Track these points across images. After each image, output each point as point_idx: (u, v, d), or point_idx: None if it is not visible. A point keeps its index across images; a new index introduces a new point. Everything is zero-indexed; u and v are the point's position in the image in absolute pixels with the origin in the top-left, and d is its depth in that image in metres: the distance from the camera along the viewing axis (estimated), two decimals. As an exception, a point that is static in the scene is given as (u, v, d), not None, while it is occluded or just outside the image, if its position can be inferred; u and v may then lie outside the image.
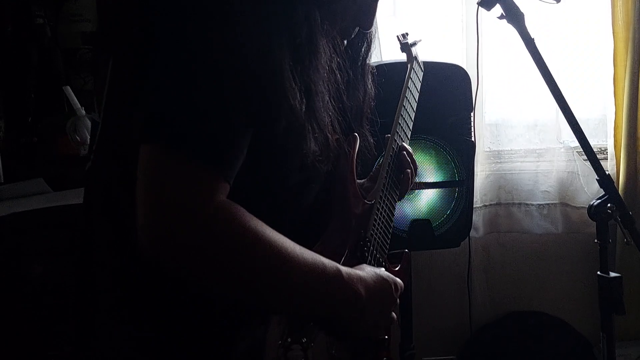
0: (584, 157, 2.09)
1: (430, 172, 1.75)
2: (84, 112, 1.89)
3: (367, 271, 0.85)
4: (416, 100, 1.22)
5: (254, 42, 0.71)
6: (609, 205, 1.37)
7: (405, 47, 1.29)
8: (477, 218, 2.12)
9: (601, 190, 1.41)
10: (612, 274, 1.41)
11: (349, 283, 0.80)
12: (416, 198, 1.76)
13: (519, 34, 1.33)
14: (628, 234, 1.37)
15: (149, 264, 0.73)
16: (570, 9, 2.13)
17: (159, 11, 0.72)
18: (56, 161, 1.88)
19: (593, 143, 1.41)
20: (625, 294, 1.42)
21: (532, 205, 2.18)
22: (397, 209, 1.08)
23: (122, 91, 0.78)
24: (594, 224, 1.43)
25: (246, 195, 0.72)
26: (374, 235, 0.98)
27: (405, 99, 1.17)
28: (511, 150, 2.23)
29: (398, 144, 1.10)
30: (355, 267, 0.85)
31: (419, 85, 1.25)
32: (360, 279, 0.82)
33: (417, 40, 1.32)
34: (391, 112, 1.14)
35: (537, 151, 2.20)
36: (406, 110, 1.16)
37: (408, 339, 1.83)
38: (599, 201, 1.39)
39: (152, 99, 0.70)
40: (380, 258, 0.99)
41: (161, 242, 0.67)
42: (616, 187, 1.44)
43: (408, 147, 1.12)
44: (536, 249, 2.28)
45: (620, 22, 2.10)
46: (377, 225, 0.99)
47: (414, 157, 1.11)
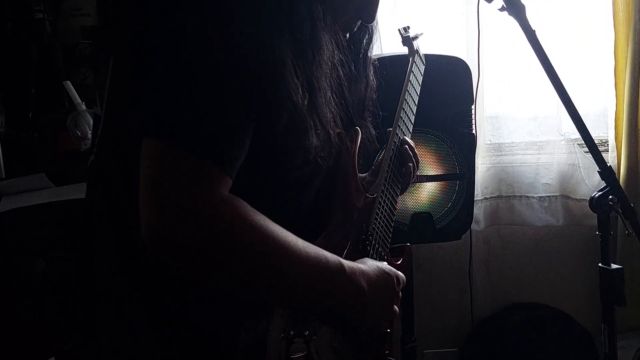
0: (585, 149, 2.09)
1: (431, 165, 1.75)
2: (84, 107, 1.89)
3: (369, 265, 0.85)
4: (418, 93, 1.22)
5: (255, 38, 0.71)
6: (610, 197, 1.37)
7: (407, 40, 1.29)
8: (478, 211, 2.12)
9: (602, 182, 1.41)
10: (614, 265, 1.41)
11: (352, 277, 0.80)
12: (417, 191, 1.76)
13: (519, 25, 1.33)
14: (629, 225, 1.37)
15: (151, 259, 0.73)
16: (570, 1, 2.13)
17: (160, 8, 0.72)
18: (57, 156, 1.88)
19: (594, 135, 1.40)
20: (626, 286, 1.42)
21: (533, 197, 2.18)
22: (398, 202, 1.08)
23: (124, 88, 0.78)
24: (595, 216, 1.43)
25: (248, 191, 0.72)
26: (376, 229, 0.98)
27: (407, 92, 1.17)
28: (512, 142, 2.22)
29: (400, 137, 1.10)
30: (358, 261, 0.85)
31: (420, 79, 1.25)
32: (363, 272, 0.82)
33: (419, 33, 1.32)
34: (393, 105, 1.13)
35: (537, 143, 2.20)
36: (408, 103, 1.16)
37: (409, 332, 1.83)
38: (600, 193, 1.39)
39: (154, 95, 0.70)
40: (382, 252, 0.99)
41: (164, 238, 0.67)
42: (617, 178, 1.44)
43: (410, 140, 1.12)
44: (537, 242, 2.29)
45: (621, 13, 2.09)
46: (379, 219, 0.99)
47: (415, 150, 1.11)
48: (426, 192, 1.77)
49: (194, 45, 0.69)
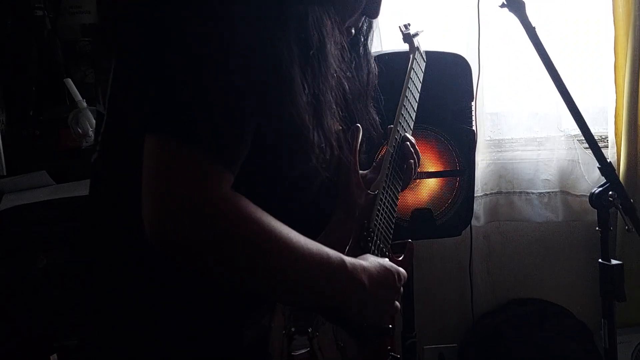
0: (585, 145, 2.10)
1: (431, 161, 1.75)
2: (85, 104, 1.89)
3: (370, 261, 0.86)
4: (419, 90, 1.22)
5: (260, 36, 0.71)
6: (610, 193, 1.38)
7: (408, 37, 1.29)
8: (478, 207, 2.12)
9: (601, 178, 1.41)
10: (614, 261, 1.42)
11: (353, 273, 0.80)
12: (417, 187, 1.76)
13: (520, 22, 1.33)
14: (629, 221, 1.37)
15: (154, 255, 0.73)
16: (570, -2, 2.13)
17: (165, 5, 0.72)
18: (58, 154, 1.88)
19: (593, 131, 1.41)
20: (625, 281, 1.43)
21: (533, 193, 2.19)
22: (399, 198, 1.08)
23: (127, 85, 0.78)
24: (594, 212, 1.43)
25: (249, 188, 0.72)
26: (377, 226, 0.99)
27: (407, 89, 1.17)
28: (512, 139, 2.23)
29: (401, 134, 1.10)
30: (359, 257, 0.86)
31: (421, 76, 1.25)
32: (364, 269, 0.83)
33: (419, 30, 1.32)
34: (394, 102, 1.14)
35: (537, 140, 2.20)
36: (409, 100, 1.16)
37: (410, 327, 1.84)
38: (600, 189, 1.40)
39: (157, 92, 0.70)
40: (383, 248, 1.00)
41: (167, 233, 0.67)
42: (617, 174, 1.44)
43: (411, 137, 1.12)
44: (537, 237, 2.29)
45: (620, 9, 2.09)
46: (380, 216, 1.00)
47: (417, 147, 1.12)
48: (426, 189, 1.78)
49: (197, 43, 0.69)
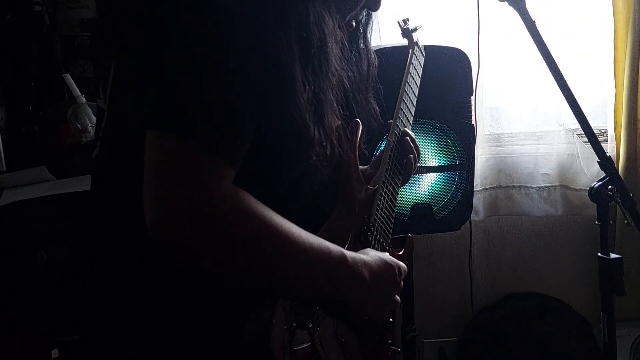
0: (584, 139, 2.10)
1: (430, 156, 1.76)
2: (84, 99, 1.89)
3: (371, 255, 0.86)
4: (418, 85, 1.23)
5: (261, 35, 0.71)
6: (609, 187, 1.38)
7: (407, 32, 1.29)
8: (477, 201, 2.13)
9: (601, 172, 1.41)
10: (613, 255, 1.42)
11: (354, 267, 0.81)
12: (417, 182, 1.77)
13: (519, 16, 1.33)
14: (629, 215, 1.37)
15: (154, 255, 0.74)
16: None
17: (166, 4, 0.72)
18: (58, 149, 1.88)
19: (593, 125, 1.41)
20: (624, 275, 1.43)
21: (532, 188, 2.19)
22: (398, 193, 1.09)
23: (128, 80, 0.78)
24: (594, 206, 1.44)
25: (250, 183, 0.72)
26: (378, 220, 0.99)
27: (407, 84, 1.17)
28: (511, 133, 2.23)
29: (400, 129, 1.11)
30: (360, 252, 0.86)
31: (420, 71, 1.25)
32: (365, 263, 0.83)
33: (418, 25, 1.32)
34: (393, 97, 1.14)
35: (537, 134, 2.20)
36: (408, 95, 1.17)
37: (409, 321, 1.85)
38: (599, 183, 1.40)
39: (158, 88, 0.70)
40: (383, 242, 1.00)
41: (169, 229, 0.68)
42: (616, 168, 1.44)
43: (410, 132, 1.12)
44: (536, 232, 2.30)
45: (620, 2, 2.09)
46: (380, 210, 1.00)
47: (416, 142, 1.12)
48: (426, 183, 1.78)
49: (198, 41, 0.69)
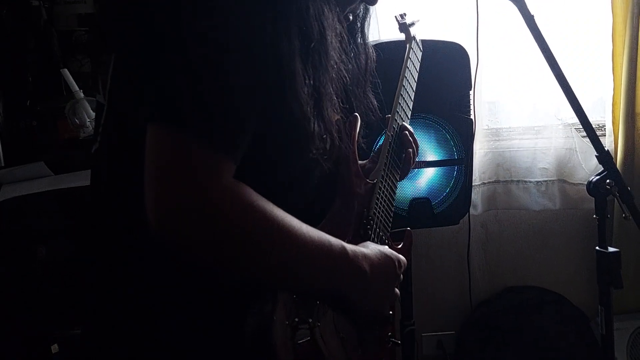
0: (582, 133, 2.10)
1: (429, 150, 1.76)
2: (82, 94, 1.88)
3: (371, 248, 0.86)
4: (415, 79, 1.23)
5: (262, 28, 0.71)
6: (607, 181, 1.39)
7: (404, 27, 1.29)
8: (476, 196, 2.13)
9: (599, 166, 1.42)
10: (611, 248, 1.43)
11: (354, 260, 0.81)
12: (416, 177, 1.77)
13: (518, 10, 1.33)
14: (626, 208, 1.38)
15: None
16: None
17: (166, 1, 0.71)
18: (56, 144, 1.88)
19: (591, 119, 1.41)
20: (622, 268, 1.44)
21: (531, 182, 2.19)
22: (397, 187, 1.09)
23: (128, 75, 0.78)
24: (591, 200, 1.44)
25: (250, 179, 0.72)
26: (377, 214, 0.99)
27: (404, 78, 1.17)
28: (509, 127, 2.23)
29: (399, 123, 1.11)
30: (360, 245, 0.86)
31: (418, 65, 1.25)
32: (365, 256, 0.83)
33: (415, 20, 1.32)
34: (391, 92, 1.14)
35: (535, 128, 2.21)
36: (406, 90, 1.17)
37: (408, 315, 1.85)
38: (597, 177, 1.40)
39: (159, 81, 0.70)
40: (383, 236, 1.00)
41: (170, 224, 0.67)
42: (614, 162, 1.45)
43: (409, 126, 1.13)
44: (534, 226, 2.30)
45: (619, -3, 2.09)
46: (379, 204, 1.00)
47: (415, 136, 1.12)
48: (425, 178, 1.78)
49: (199, 35, 0.69)
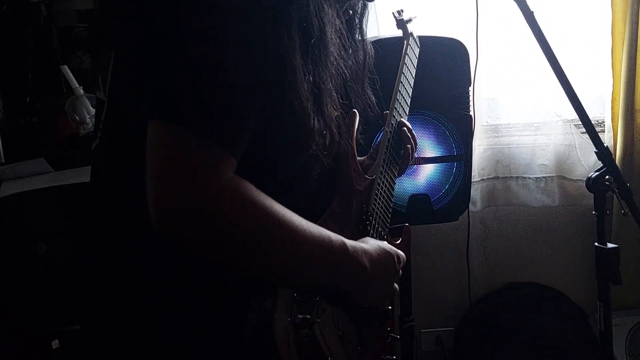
0: (582, 130, 2.10)
1: (428, 147, 1.76)
2: (82, 91, 1.88)
3: (370, 244, 0.87)
4: (413, 76, 1.23)
5: (262, 25, 0.71)
6: (607, 177, 1.39)
7: (401, 23, 1.29)
8: (475, 192, 2.13)
9: (598, 162, 1.42)
10: (610, 244, 1.43)
11: (354, 255, 0.82)
12: (415, 173, 1.77)
13: (518, 6, 1.33)
14: (625, 205, 1.38)
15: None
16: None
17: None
18: (56, 141, 1.88)
19: (590, 116, 1.41)
20: (621, 264, 1.44)
21: (530, 178, 2.19)
22: (396, 184, 1.09)
23: (128, 71, 0.78)
24: (591, 196, 1.44)
25: (250, 174, 0.72)
26: (376, 210, 1.00)
27: (402, 75, 1.18)
28: (509, 124, 2.23)
29: (397, 120, 1.11)
30: (360, 240, 0.87)
31: (415, 61, 1.26)
32: (365, 251, 0.84)
33: (413, 16, 1.32)
34: (389, 88, 1.14)
35: (534, 125, 2.21)
36: (403, 86, 1.17)
37: (407, 311, 1.86)
38: (597, 173, 1.41)
39: (160, 78, 0.70)
40: (382, 232, 1.01)
41: (172, 219, 0.68)
42: (613, 159, 1.45)
43: (407, 123, 1.13)
44: (533, 222, 2.31)
45: (618, -6, 2.09)
46: (378, 200, 1.01)
47: (413, 132, 1.12)
48: (424, 174, 1.78)
49: (199, 32, 0.69)
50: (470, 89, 1.78)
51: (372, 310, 0.89)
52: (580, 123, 1.40)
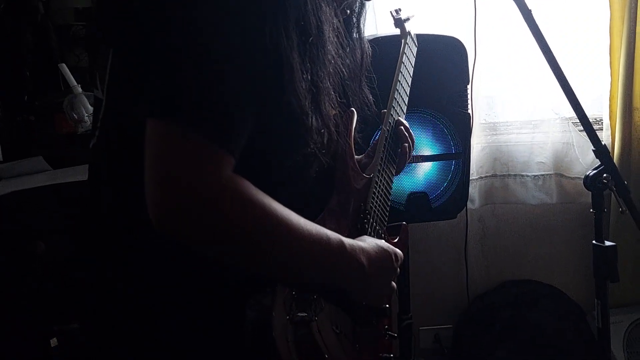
0: (579, 127, 2.10)
1: (426, 145, 1.76)
2: (80, 89, 1.88)
3: (368, 242, 0.87)
4: (411, 75, 1.23)
5: (261, 22, 0.71)
6: (604, 175, 1.39)
7: (399, 22, 1.29)
8: (473, 190, 2.13)
9: (596, 160, 1.42)
10: (607, 242, 1.43)
11: (352, 254, 0.82)
12: (413, 171, 1.77)
13: (516, 4, 1.33)
14: (623, 202, 1.39)
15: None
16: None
17: None
18: (54, 139, 1.88)
19: (588, 114, 1.41)
20: (618, 262, 1.44)
21: (528, 176, 2.20)
22: (395, 182, 1.10)
23: (126, 69, 0.78)
24: (588, 194, 1.45)
25: (248, 172, 0.73)
26: (373, 208, 1.00)
27: (400, 73, 1.18)
28: (507, 121, 2.23)
29: (394, 118, 1.11)
30: (357, 239, 0.87)
31: (413, 60, 1.26)
32: (362, 249, 0.84)
33: (411, 15, 1.33)
34: (387, 86, 1.14)
35: (532, 122, 2.21)
36: (401, 85, 1.17)
37: (405, 309, 1.86)
38: (594, 171, 1.41)
39: (159, 76, 0.70)
40: (379, 230, 1.01)
41: (172, 217, 0.68)
42: (611, 157, 1.45)
43: (405, 121, 1.13)
44: (531, 220, 2.31)
45: (616, -7, 2.09)
46: (375, 199, 1.01)
47: (411, 131, 1.13)
48: (422, 172, 1.79)
49: (197, 30, 0.69)
50: (469, 87, 1.78)
51: (370, 309, 0.89)
52: (578, 121, 1.40)
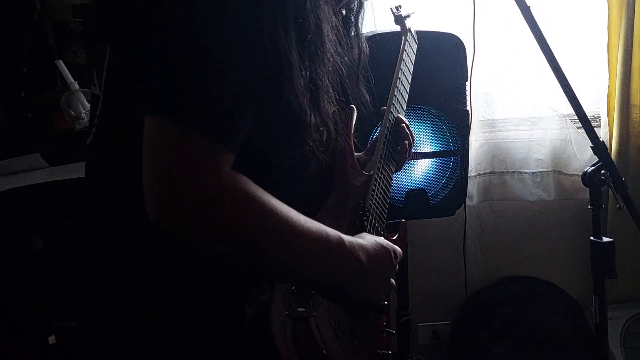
0: (577, 124, 2.11)
1: (425, 142, 1.76)
2: (77, 86, 1.87)
3: (367, 239, 0.87)
4: (411, 72, 1.23)
5: (260, 20, 0.71)
6: (602, 171, 1.39)
7: (399, 19, 1.29)
8: (471, 187, 2.14)
9: (594, 157, 1.43)
10: (605, 238, 1.44)
11: (351, 251, 0.82)
12: (412, 168, 1.78)
13: (515, 1, 1.33)
14: (621, 199, 1.39)
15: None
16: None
17: None
18: (51, 136, 1.88)
19: (586, 111, 1.41)
20: (616, 258, 1.45)
21: (526, 173, 2.20)
22: (393, 179, 1.10)
23: (124, 66, 0.78)
24: (586, 190, 1.45)
25: (247, 169, 0.72)
26: (373, 206, 1.00)
27: (400, 70, 1.18)
28: (505, 118, 2.23)
29: (394, 115, 1.11)
30: (356, 236, 0.87)
31: (413, 57, 1.26)
32: (362, 246, 0.84)
33: (411, 12, 1.32)
34: (387, 83, 1.14)
35: (530, 119, 2.21)
36: (401, 82, 1.17)
37: (404, 305, 1.87)
38: (592, 168, 1.41)
39: (157, 73, 0.70)
40: (378, 227, 1.01)
41: (171, 215, 0.68)
42: (609, 153, 1.45)
43: (404, 118, 1.13)
44: (529, 216, 2.31)
45: (614, -9, 2.09)
46: (375, 196, 1.01)
47: (410, 129, 1.13)
48: (421, 169, 1.79)
49: (195, 28, 0.69)
50: (467, 83, 1.78)
51: (368, 305, 0.89)
52: (576, 118, 1.40)
